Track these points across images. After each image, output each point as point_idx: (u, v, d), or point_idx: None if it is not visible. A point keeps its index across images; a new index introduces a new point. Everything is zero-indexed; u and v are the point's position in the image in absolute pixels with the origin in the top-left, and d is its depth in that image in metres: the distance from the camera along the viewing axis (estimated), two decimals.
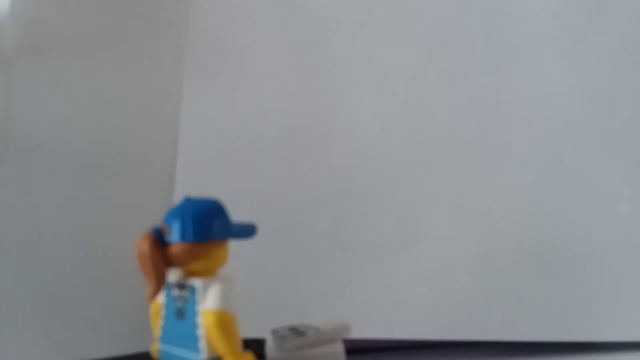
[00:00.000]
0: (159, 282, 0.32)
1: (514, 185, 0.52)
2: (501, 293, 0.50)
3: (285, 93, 0.57)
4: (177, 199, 0.46)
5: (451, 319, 0.50)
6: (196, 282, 0.32)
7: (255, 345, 0.38)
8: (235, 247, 0.34)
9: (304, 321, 0.42)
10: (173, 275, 0.33)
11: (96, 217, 0.52)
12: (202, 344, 0.31)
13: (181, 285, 0.33)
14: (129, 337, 0.49)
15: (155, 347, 0.34)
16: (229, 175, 0.55)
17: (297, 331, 0.39)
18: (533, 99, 0.54)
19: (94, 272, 0.51)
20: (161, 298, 0.34)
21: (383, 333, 0.51)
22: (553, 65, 0.54)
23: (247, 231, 0.35)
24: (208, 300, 0.31)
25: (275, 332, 0.40)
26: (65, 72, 0.53)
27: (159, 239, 0.32)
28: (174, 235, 0.32)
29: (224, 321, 0.31)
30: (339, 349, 0.40)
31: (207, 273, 0.33)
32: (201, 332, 0.31)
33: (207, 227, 0.32)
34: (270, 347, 0.40)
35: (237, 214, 0.34)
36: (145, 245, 0.32)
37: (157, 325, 0.34)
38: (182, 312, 0.33)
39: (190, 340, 0.32)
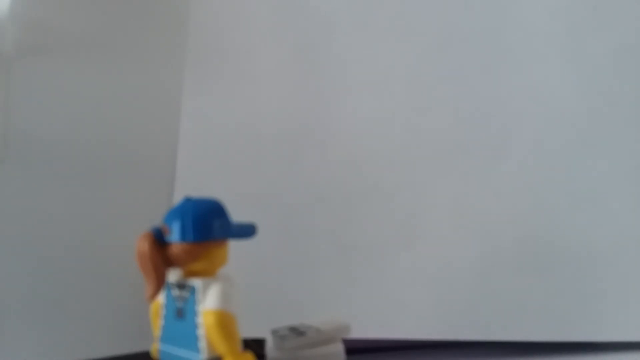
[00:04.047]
0: (159, 282, 0.32)
1: (514, 186, 0.52)
2: (501, 293, 0.50)
3: (286, 93, 0.57)
4: (177, 199, 0.46)
5: (451, 319, 0.50)
6: (196, 282, 0.32)
7: (255, 345, 0.38)
8: (235, 247, 0.34)
9: (304, 321, 0.42)
10: (173, 275, 0.33)
11: (96, 217, 0.52)
12: (202, 344, 0.31)
13: (181, 285, 0.33)
14: (129, 337, 0.49)
15: (155, 347, 0.34)
16: (229, 175, 0.55)
17: (297, 331, 0.39)
18: (533, 99, 0.54)
19: (94, 272, 0.51)
20: (161, 298, 0.34)
21: (383, 333, 0.51)
22: (553, 64, 0.54)
23: (247, 231, 0.35)
24: (208, 300, 0.31)
25: (275, 332, 0.39)
26: (65, 72, 0.52)
27: (159, 239, 0.32)
28: (174, 235, 0.32)
29: (224, 321, 0.31)
30: (339, 349, 0.40)
31: (207, 273, 0.33)
32: (201, 332, 0.31)
33: (207, 227, 0.32)
34: (270, 347, 0.40)
35: (237, 214, 0.34)
36: (145, 245, 0.32)
37: (157, 325, 0.34)
38: (182, 312, 0.33)
39: (190, 340, 0.32)
